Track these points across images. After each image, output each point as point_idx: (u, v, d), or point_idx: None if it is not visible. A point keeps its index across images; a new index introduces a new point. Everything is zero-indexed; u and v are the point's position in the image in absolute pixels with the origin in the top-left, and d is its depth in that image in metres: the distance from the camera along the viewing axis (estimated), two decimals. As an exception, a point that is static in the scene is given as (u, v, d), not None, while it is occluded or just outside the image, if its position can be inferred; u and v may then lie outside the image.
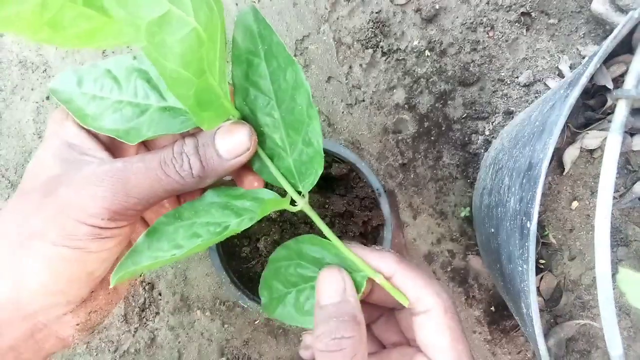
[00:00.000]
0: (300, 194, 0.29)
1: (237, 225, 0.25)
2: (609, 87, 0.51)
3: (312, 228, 0.57)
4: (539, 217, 0.37)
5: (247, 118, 0.29)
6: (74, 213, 0.24)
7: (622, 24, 0.36)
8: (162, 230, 0.26)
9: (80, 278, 0.25)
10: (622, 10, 0.62)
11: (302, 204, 0.28)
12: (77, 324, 0.26)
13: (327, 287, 0.26)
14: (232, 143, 0.26)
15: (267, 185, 0.31)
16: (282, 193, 0.30)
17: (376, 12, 0.67)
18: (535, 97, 0.67)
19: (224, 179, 0.29)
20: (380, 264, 0.28)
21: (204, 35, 0.21)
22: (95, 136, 0.28)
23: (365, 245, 0.53)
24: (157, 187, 0.25)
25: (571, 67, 0.67)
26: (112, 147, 0.29)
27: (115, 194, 0.24)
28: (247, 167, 0.30)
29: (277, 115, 0.28)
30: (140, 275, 0.68)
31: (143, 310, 0.67)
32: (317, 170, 0.27)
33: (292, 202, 0.29)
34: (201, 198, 0.28)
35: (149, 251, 0.25)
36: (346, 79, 0.68)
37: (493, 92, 0.68)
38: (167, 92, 0.28)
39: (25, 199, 0.25)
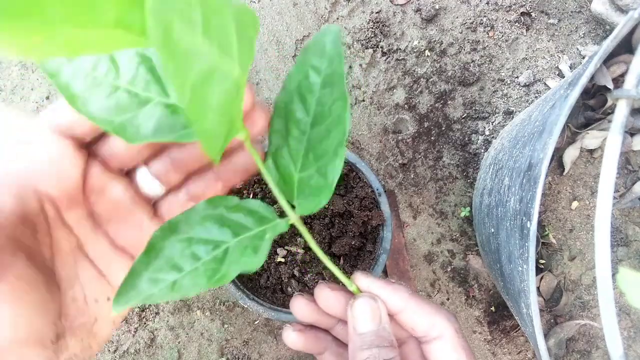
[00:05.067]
0: (293, 208, 0.28)
1: (240, 247, 0.25)
2: (609, 87, 0.51)
3: (311, 228, 0.57)
4: (539, 217, 0.37)
5: (279, 118, 0.28)
6: None
7: (622, 24, 0.36)
8: (158, 246, 0.24)
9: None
10: (622, 10, 0.62)
11: (294, 219, 0.28)
12: None
13: (365, 315, 0.28)
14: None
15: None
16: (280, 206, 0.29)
17: (376, 12, 0.67)
18: (535, 97, 0.67)
19: None
20: (392, 296, 0.30)
21: (242, 80, 0.20)
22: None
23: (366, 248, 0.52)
24: None
25: (571, 67, 0.67)
26: None
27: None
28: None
29: (306, 135, 0.27)
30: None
31: (143, 311, 0.67)
32: (322, 201, 0.27)
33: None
34: (194, 209, 0.26)
35: (147, 272, 0.23)
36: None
37: (493, 92, 0.68)
38: (171, 88, 0.25)
39: None
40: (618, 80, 0.53)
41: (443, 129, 0.68)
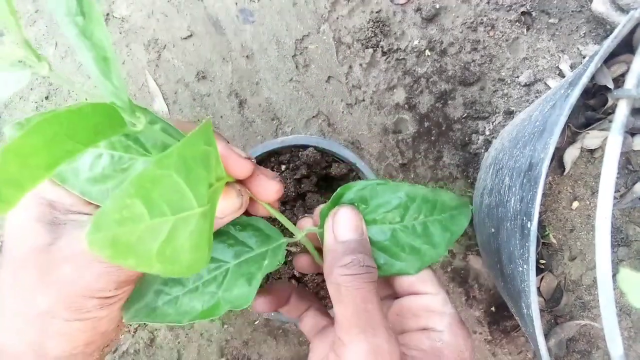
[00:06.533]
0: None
1: (237, 271, 0.26)
2: (609, 86, 0.51)
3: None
4: (539, 217, 0.37)
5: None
6: (81, 291, 0.24)
7: (622, 24, 0.36)
8: None
9: (95, 340, 0.26)
10: (623, 9, 0.62)
11: (300, 237, 0.30)
12: None
13: (348, 223, 0.28)
14: (225, 205, 0.26)
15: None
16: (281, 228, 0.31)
17: (376, 12, 0.67)
18: (536, 96, 0.67)
19: None
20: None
21: (207, 207, 0.21)
22: None
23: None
24: None
25: (572, 67, 0.66)
26: None
27: (120, 267, 0.24)
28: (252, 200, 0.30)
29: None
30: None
31: (143, 311, 0.67)
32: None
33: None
34: None
35: (156, 283, 0.25)
36: (346, 79, 0.68)
37: (493, 91, 0.67)
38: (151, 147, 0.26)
39: (22, 274, 0.25)
40: (619, 80, 0.52)
41: (443, 128, 0.68)
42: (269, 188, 0.28)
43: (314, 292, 0.57)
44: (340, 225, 0.28)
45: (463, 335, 0.28)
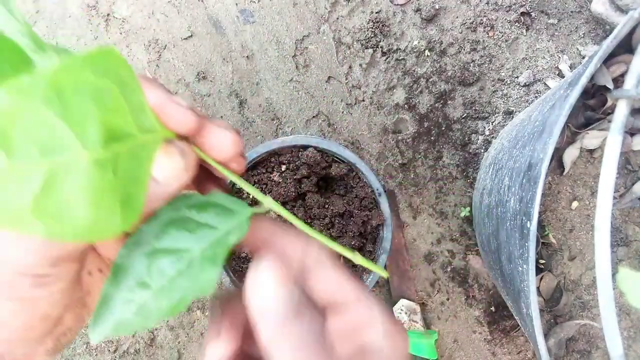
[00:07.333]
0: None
1: (202, 257, 0.23)
2: (609, 87, 0.51)
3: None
4: (539, 217, 0.37)
5: None
6: (11, 267, 0.22)
7: (622, 24, 0.36)
8: (125, 264, 0.23)
9: (34, 325, 0.23)
10: (622, 10, 0.62)
11: (269, 203, 0.25)
12: (47, 351, 0.25)
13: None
14: (165, 166, 0.23)
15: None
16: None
17: (376, 12, 0.67)
18: (535, 97, 0.67)
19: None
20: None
21: (108, 155, 0.18)
22: None
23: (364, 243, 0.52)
24: None
25: (571, 67, 0.67)
26: None
27: (51, 242, 0.21)
28: (208, 174, 0.27)
29: None
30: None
31: (143, 310, 0.68)
32: None
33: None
34: (157, 215, 0.24)
35: (119, 292, 0.22)
36: (346, 79, 0.68)
37: (493, 92, 0.68)
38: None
39: None
40: (618, 80, 0.53)
41: (443, 129, 0.68)
42: (222, 138, 0.23)
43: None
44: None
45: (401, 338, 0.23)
